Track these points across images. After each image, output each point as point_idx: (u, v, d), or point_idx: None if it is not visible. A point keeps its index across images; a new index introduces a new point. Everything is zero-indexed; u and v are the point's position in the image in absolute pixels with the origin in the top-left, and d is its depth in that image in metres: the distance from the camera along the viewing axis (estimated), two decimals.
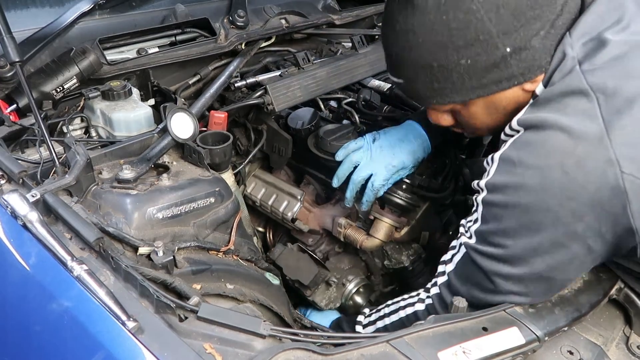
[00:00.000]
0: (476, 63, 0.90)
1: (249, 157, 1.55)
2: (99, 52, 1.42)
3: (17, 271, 0.94)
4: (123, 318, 0.78)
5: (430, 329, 0.85)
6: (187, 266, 1.00)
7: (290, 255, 1.41)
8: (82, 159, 1.04)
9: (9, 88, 1.31)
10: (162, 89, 1.51)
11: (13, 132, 1.21)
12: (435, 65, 0.93)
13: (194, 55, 1.56)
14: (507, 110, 0.98)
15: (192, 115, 1.21)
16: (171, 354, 0.75)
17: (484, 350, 0.84)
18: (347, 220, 1.53)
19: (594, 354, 0.94)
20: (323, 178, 1.60)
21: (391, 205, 1.48)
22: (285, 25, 1.76)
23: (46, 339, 0.90)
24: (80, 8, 1.42)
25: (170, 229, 1.05)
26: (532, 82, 0.93)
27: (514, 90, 0.95)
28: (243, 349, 0.78)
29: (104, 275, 0.87)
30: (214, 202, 1.12)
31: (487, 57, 0.90)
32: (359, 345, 0.80)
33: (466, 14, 0.87)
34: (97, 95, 1.35)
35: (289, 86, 1.50)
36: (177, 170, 1.17)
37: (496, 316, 0.91)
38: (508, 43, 0.88)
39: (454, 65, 0.91)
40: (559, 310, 0.95)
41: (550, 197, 0.84)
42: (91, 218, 0.98)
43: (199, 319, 0.81)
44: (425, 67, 0.94)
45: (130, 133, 1.31)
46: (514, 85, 0.93)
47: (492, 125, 1.04)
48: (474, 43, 0.89)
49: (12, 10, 1.50)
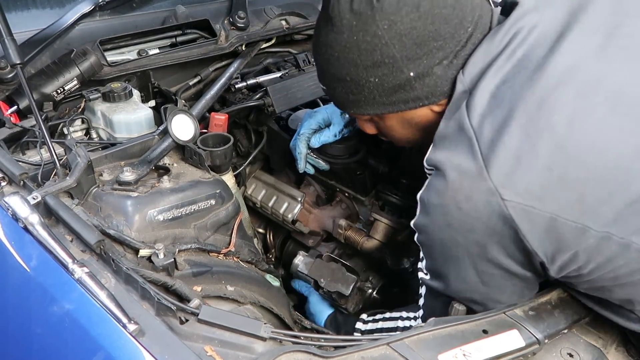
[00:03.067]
0: (383, 83, 0.96)
1: (250, 158, 1.55)
2: (100, 54, 1.42)
3: (18, 273, 0.95)
4: (124, 320, 0.78)
5: (431, 332, 0.86)
6: (187, 268, 1.00)
7: (323, 267, 1.37)
8: (82, 160, 1.04)
9: (9, 89, 1.32)
10: (163, 91, 1.52)
11: (14, 133, 1.21)
12: (349, 79, 0.99)
13: (194, 57, 1.57)
14: (420, 126, 1.04)
15: (193, 117, 1.21)
16: (172, 356, 0.75)
17: (484, 352, 0.84)
18: (348, 222, 1.53)
19: (593, 357, 0.94)
20: (323, 179, 1.61)
21: (391, 207, 1.48)
22: (286, 26, 1.76)
23: (47, 341, 0.90)
24: (80, 9, 1.42)
25: (171, 231, 1.05)
26: (439, 105, 0.99)
27: (423, 109, 1.00)
28: (244, 352, 0.79)
29: (105, 277, 0.87)
30: (215, 204, 1.12)
31: (393, 78, 0.95)
32: (359, 347, 0.81)
33: (372, 37, 0.92)
34: (97, 97, 1.35)
35: (289, 88, 1.51)
36: (177, 172, 1.17)
37: (496, 319, 0.91)
38: (412, 68, 0.94)
39: (365, 82, 0.97)
40: (558, 313, 0.96)
41: (455, 232, 0.89)
42: (92, 220, 0.98)
43: (200, 322, 0.81)
44: (341, 79, 1.00)
45: (131, 135, 1.32)
46: (420, 106, 0.99)
47: (411, 139, 1.11)
48: (380, 65, 0.94)
49: (13, 12, 1.50)
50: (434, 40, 0.92)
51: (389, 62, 0.94)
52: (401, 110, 1.01)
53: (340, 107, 1.13)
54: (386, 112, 1.02)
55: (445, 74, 0.95)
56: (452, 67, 0.95)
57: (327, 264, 1.37)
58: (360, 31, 0.93)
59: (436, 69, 0.94)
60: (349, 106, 1.07)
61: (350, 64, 0.97)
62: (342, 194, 1.59)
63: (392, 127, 1.08)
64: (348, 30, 0.94)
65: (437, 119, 0.97)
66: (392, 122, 1.06)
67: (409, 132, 1.08)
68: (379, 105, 1.01)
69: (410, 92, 0.97)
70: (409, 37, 0.92)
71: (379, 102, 1.00)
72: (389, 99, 0.99)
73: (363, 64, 0.96)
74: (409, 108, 1.00)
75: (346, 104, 1.06)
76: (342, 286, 1.31)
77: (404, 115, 1.02)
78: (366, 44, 0.93)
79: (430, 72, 0.95)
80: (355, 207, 1.57)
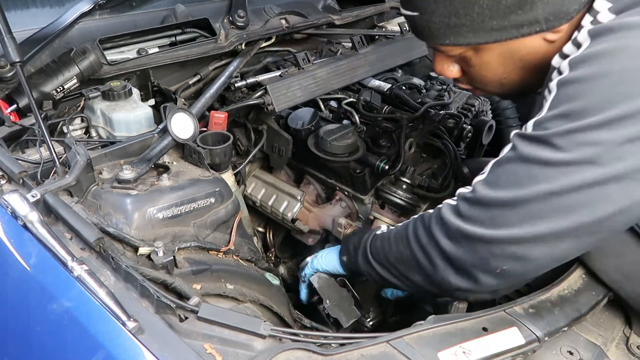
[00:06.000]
0: (500, 0, 0.81)
1: (249, 157, 1.55)
2: (99, 52, 1.42)
3: (18, 271, 0.94)
4: (123, 318, 0.78)
5: (430, 329, 0.86)
6: (187, 266, 1.00)
7: (334, 289, 1.32)
8: (82, 159, 1.04)
9: (9, 88, 1.31)
10: (162, 89, 1.52)
11: (13, 132, 1.21)
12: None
13: (194, 56, 1.56)
14: (523, 62, 0.89)
15: (193, 115, 1.21)
16: (171, 354, 0.75)
17: (484, 350, 0.84)
18: (347, 221, 1.53)
19: (593, 354, 0.94)
20: (323, 178, 1.61)
21: (391, 205, 1.48)
22: (286, 25, 1.76)
23: (46, 339, 0.90)
24: (80, 8, 1.42)
25: (170, 229, 1.05)
26: (555, 32, 0.84)
27: (535, 38, 0.85)
28: (243, 349, 0.78)
29: (104, 275, 0.87)
30: (214, 203, 1.12)
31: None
32: (359, 345, 0.81)
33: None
34: (97, 96, 1.35)
35: (289, 86, 1.50)
36: (177, 171, 1.17)
37: (496, 316, 0.91)
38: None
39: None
40: (558, 311, 0.96)
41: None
42: (91, 218, 0.98)
43: (199, 319, 0.81)
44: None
45: (131, 133, 1.31)
46: (536, 32, 0.84)
47: (505, 80, 0.94)
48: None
49: (13, 11, 1.50)
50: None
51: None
52: (511, 37, 0.84)
53: (428, 38, 0.93)
54: (491, 41, 0.86)
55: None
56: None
57: (339, 289, 1.34)
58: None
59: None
60: (444, 34, 0.88)
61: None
62: (342, 193, 1.59)
63: (488, 64, 0.91)
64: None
65: (548, 54, 0.84)
66: (491, 55, 0.89)
67: (507, 70, 0.91)
68: (485, 31, 0.84)
69: (528, 13, 0.81)
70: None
71: (486, 27, 0.84)
72: (499, 23, 0.83)
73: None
74: (522, 35, 0.84)
75: (442, 31, 0.88)
76: (343, 316, 1.27)
77: (510, 45, 0.86)
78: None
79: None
80: (355, 206, 1.57)
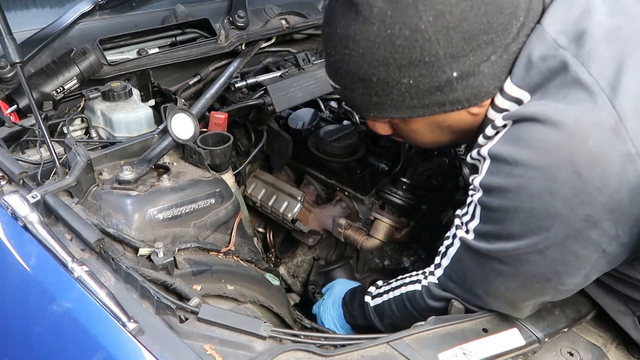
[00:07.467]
0: (419, 84, 0.82)
1: (249, 157, 1.55)
2: (100, 53, 1.42)
3: (18, 272, 0.94)
4: (123, 319, 0.78)
5: (431, 330, 0.86)
6: (187, 267, 1.00)
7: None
8: (82, 159, 1.04)
9: (9, 89, 1.32)
10: (163, 90, 1.52)
11: (13, 132, 1.21)
12: (375, 80, 0.84)
13: (194, 56, 1.56)
14: (452, 128, 0.92)
15: (193, 116, 1.21)
16: (172, 355, 0.75)
17: (484, 351, 0.84)
18: (348, 221, 1.53)
19: (594, 356, 0.94)
20: (323, 178, 1.61)
21: (391, 206, 1.48)
22: (286, 25, 1.76)
23: (47, 340, 0.90)
24: (80, 9, 1.42)
25: (170, 230, 1.05)
26: (479, 107, 0.86)
27: (460, 112, 0.87)
28: (243, 350, 0.78)
29: (105, 276, 0.87)
30: (215, 203, 1.12)
31: (431, 79, 0.82)
32: (359, 346, 0.81)
33: (413, 32, 0.78)
34: (97, 96, 1.35)
35: (289, 87, 1.50)
36: (177, 171, 1.17)
37: (496, 317, 0.91)
38: (455, 67, 0.80)
39: (395, 83, 0.83)
40: (559, 312, 0.95)
41: (558, 203, 0.73)
42: (92, 219, 0.98)
43: (200, 320, 0.81)
44: (364, 80, 0.85)
45: (131, 134, 1.31)
46: (459, 109, 0.86)
47: (436, 142, 0.98)
48: (418, 64, 0.80)
49: (13, 11, 1.50)
50: (484, 34, 0.79)
51: (430, 61, 0.79)
52: (434, 113, 0.86)
53: (356, 110, 0.98)
54: (415, 116, 0.88)
55: (492, 71, 0.82)
56: (500, 64, 0.81)
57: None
58: (397, 23, 0.77)
59: (483, 66, 0.81)
60: (367, 109, 0.91)
61: (380, 62, 0.81)
62: (342, 193, 1.59)
63: (416, 131, 0.94)
64: (380, 22, 0.78)
65: (474, 122, 0.86)
66: (417, 125, 0.91)
67: (435, 136, 0.94)
68: (407, 108, 0.86)
69: (449, 95, 0.83)
70: (457, 31, 0.78)
71: (408, 105, 0.86)
72: (421, 102, 0.85)
73: (396, 63, 0.80)
74: (444, 111, 0.86)
75: (365, 106, 0.90)
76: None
77: (434, 118, 0.88)
78: (403, 39, 0.78)
79: (476, 71, 0.81)
80: (355, 206, 1.57)
